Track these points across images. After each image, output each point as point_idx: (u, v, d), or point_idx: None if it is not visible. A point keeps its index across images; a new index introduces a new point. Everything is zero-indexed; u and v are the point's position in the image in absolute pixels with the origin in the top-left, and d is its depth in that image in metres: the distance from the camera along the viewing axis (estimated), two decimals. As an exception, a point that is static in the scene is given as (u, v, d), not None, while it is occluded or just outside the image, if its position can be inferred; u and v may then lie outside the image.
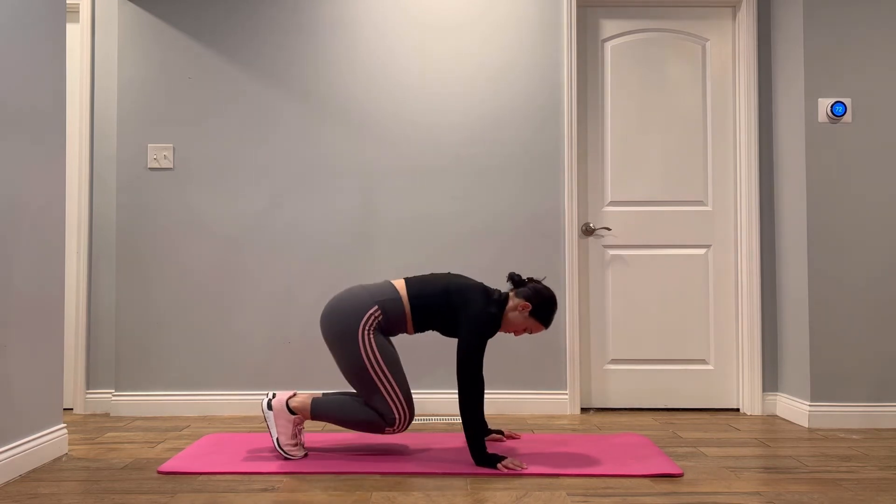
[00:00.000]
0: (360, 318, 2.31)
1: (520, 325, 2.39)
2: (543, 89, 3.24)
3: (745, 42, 3.27)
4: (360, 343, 2.29)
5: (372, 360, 2.29)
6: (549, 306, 2.38)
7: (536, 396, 3.19)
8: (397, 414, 2.30)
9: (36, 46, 2.35)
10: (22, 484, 2.12)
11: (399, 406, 2.30)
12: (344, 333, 2.31)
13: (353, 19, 3.25)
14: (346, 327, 2.31)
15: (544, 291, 2.39)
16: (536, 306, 2.36)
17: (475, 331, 2.28)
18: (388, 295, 2.36)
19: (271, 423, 2.34)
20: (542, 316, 2.38)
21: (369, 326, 2.31)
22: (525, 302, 2.36)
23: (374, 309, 2.32)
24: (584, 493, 2.03)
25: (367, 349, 2.29)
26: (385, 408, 2.30)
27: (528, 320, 2.38)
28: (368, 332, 2.30)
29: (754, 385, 3.22)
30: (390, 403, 2.30)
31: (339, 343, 2.32)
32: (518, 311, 2.37)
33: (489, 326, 2.31)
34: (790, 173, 3.11)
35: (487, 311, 2.31)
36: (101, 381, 3.27)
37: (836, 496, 2.00)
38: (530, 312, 2.36)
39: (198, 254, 3.20)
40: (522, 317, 2.37)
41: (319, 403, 2.35)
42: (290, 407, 2.35)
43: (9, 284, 2.19)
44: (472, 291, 2.35)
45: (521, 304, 2.36)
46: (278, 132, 3.23)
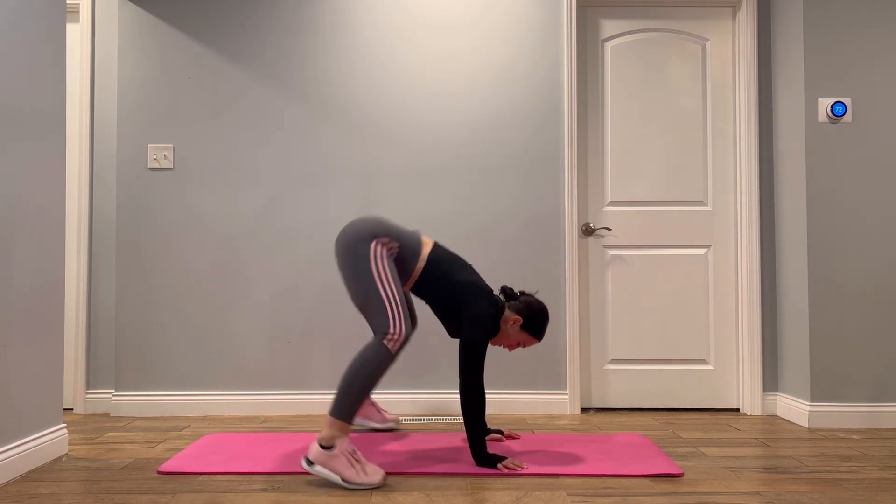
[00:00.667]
0: (378, 235, 2.28)
1: (512, 339, 2.40)
2: (543, 89, 3.24)
3: (745, 42, 3.27)
4: (372, 250, 2.25)
5: (380, 267, 2.24)
6: (540, 319, 2.38)
7: (536, 396, 3.19)
8: (393, 322, 2.19)
9: (36, 47, 2.35)
10: (22, 484, 2.12)
11: (396, 315, 2.20)
12: (358, 243, 2.26)
13: (353, 19, 3.25)
14: (362, 237, 2.27)
15: (535, 304, 2.38)
16: (527, 319, 2.36)
17: (482, 330, 2.27)
18: (412, 243, 2.35)
19: (326, 473, 2.08)
20: (534, 329, 2.38)
21: (383, 246, 2.28)
22: (517, 315, 2.36)
23: (394, 243, 2.31)
24: (584, 493, 2.03)
25: (377, 257, 2.25)
26: (383, 320, 2.19)
27: (521, 334, 2.38)
28: (381, 247, 2.27)
29: (754, 385, 3.22)
30: (388, 311, 2.20)
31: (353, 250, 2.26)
32: (510, 325, 2.37)
33: (491, 328, 2.32)
34: (790, 173, 3.11)
35: (492, 314, 2.32)
36: (101, 381, 3.27)
37: (836, 496, 2.00)
38: (522, 326, 2.37)
39: (198, 253, 3.20)
40: (514, 330, 2.38)
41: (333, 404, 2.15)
42: (323, 445, 2.10)
43: (9, 284, 2.19)
44: (482, 292, 2.36)
45: (512, 318, 2.36)
46: (278, 132, 3.23)
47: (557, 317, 3.21)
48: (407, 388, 3.20)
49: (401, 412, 3.17)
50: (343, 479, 2.07)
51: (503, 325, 2.38)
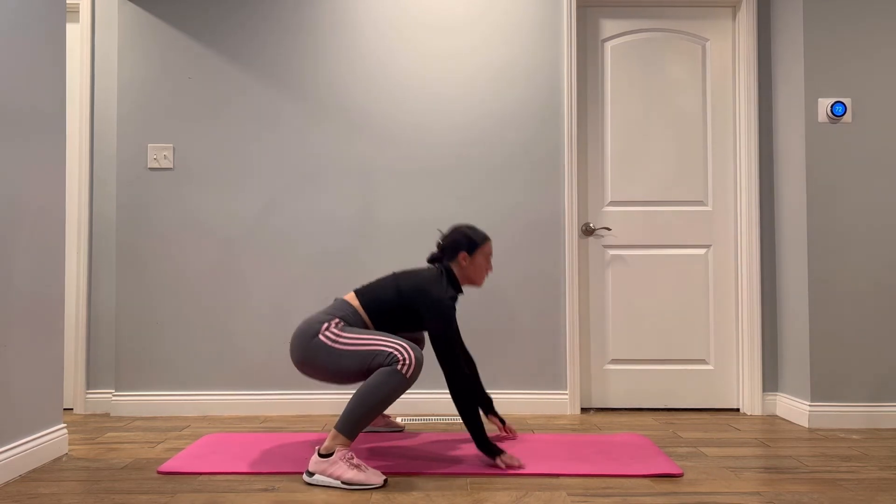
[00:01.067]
0: (318, 328, 2.26)
1: (478, 270, 2.47)
2: (543, 89, 3.24)
3: (745, 42, 3.27)
4: (324, 340, 2.23)
5: (342, 340, 2.22)
6: (470, 235, 2.46)
7: (536, 396, 3.19)
8: (398, 353, 2.16)
9: (36, 46, 2.35)
10: (22, 484, 2.12)
11: (395, 346, 2.18)
12: (307, 346, 2.24)
13: (354, 19, 3.25)
14: (308, 339, 2.25)
15: (456, 236, 2.46)
16: (467, 246, 2.44)
17: (441, 317, 2.27)
18: (345, 309, 2.34)
19: (326, 481, 2.09)
20: (476, 242, 2.45)
21: (328, 329, 2.25)
22: (461, 254, 2.43)
23: (334, 319, 2.29)
24: (584, 493, 2.03)
25: (333, 339, 2.23)
26: (383, 357, 2.17)
27: (475, 259, 2.45)
28: (330, 330, 2.25)
29: (754, 385, 3.22)
30: (385, 349, 2.18)
31: (309, 355, 2.24)
32: (463, 265, 2.44)
33: (451, 307, 2.30)
34: (790, 173, 3.11)
35: (443, 293, 2.31)
36: (101, 381, 3.27)
37: (836, 496, 2.00)
38: (469, 254, 2.43)
39: (198, 253, 3.20)
40: (469, 264, 2.45)
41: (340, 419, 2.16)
42: (322, 454, 2.12)
43: (9, 284, 2.19)
44: (422, 282, 2.35)
45: (460, 259, 2.43)
46: (278, 132, 3.23)
47: (557, 317, 3.21)
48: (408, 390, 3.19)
49: (401, 412, 3.17)
50: (343, 482, 2.07)
51: (461, 273, 2.46)
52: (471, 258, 2.44)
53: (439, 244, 2.49)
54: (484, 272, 2.49)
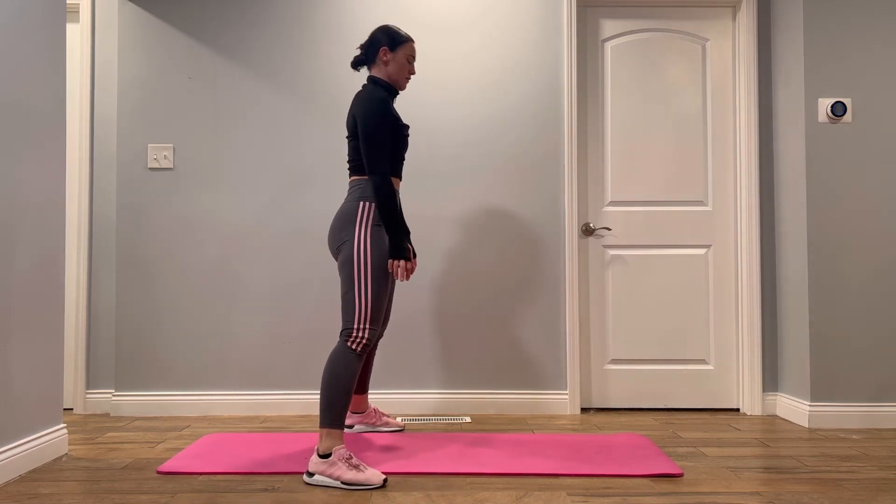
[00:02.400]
0: (355, 214, 2.27)
1: (400, 68, 2.41)
2: (543, 89, 3.24)
3: (745, 42, 3.27)
4: (357, 236, 2.24)
5: (361, 255, 2.23)
6: (391, 31, 2.41)
7: (536, 396, 3.19)
8: (357, 325, 2.20)
9: (36, 47, 2.35)
10: (22, 484, 2.12)
11: (363, 317, 2.21)
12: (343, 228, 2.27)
13: (354, 19, 3.25)
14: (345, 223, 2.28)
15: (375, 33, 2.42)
16: (389, 42, 2.39)
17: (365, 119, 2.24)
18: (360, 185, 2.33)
19: (325, 481, 2.11)
20: (396, 39, 2.40)
21: (366, 220, 2.27)
22: (381, 50, 2.38)
23: (363, 204, 2.29)
24: (584, 493, 2.03)
25: (362, 243, 2.24)
26: (349, 318, 2.21)
27: (397, 56, 2.40)
28: (366, 225, 2.26)
29: (754, 385, 3.22)
30: (356, 313, 2.21)
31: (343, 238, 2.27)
32: (385, 62, 2.40)
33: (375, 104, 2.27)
34: (790, 173, 3.11)
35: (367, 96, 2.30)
36: (101, 381, 3.28)
37: (836, 496, 2.00)
38: (391, 49, 2.39)
39: (198, 253, 3.20)
40: (392, 59, 2.40)
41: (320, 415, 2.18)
42: (321, 454, 2.14)
43: (9, 284, 2.19)
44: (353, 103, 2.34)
45: (381, 56, 2.39)
46: (278, 132, 3.23)
47: (557, 317, 3.21)
48: (407, 388, 3.20)
49: (401, 412, 3.17)
50: (342, 482, 2.08)
51: (387, 70, 2.40)
52: (392, 54, 2.39)
53: (358, 48, 2.46)
54: (405, 72, 2.44)
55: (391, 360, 3.20)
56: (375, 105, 2.26)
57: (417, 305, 3.20)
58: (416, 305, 3.20)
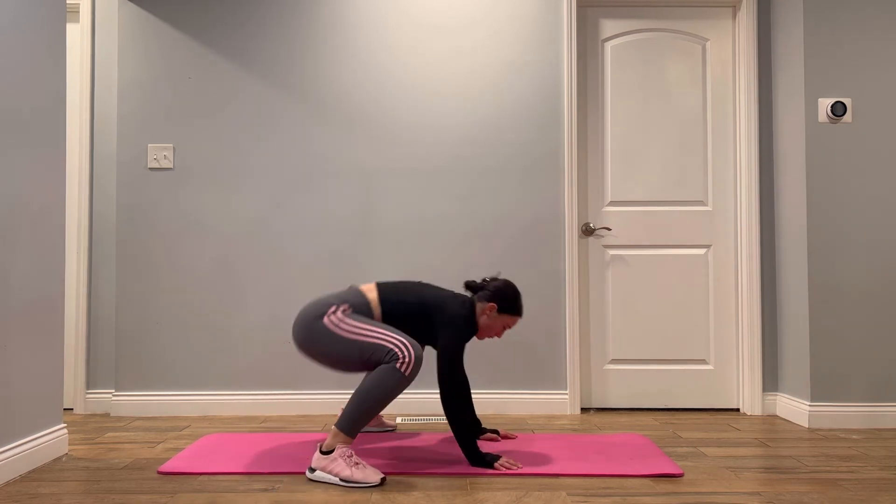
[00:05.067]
0: (324, 310, 2.26)
1: (495, 326, 2.41)
2: (544, 89, 3.24)
3: (745, 42, 3.27)
4: (328, 323, 2.22)
5: (345, 327, 2.21)
6: (512, 297, 2.40)
7: (536, 396, 3.19)
8: (398, 350, 2.15)
9: (36, 47, 2.35)
10: (22, 484, 2.12)
11: (396, 342, 2.17)
12: (312, 328, 2.24)
13: (354, 20, 3.25)
14: (311, 322, 2.25)
15: (503, 285, 2.42)
16: (501, 301, 2.39)
17: (456, 335, 2.29)
18: (357, 299, 2.32)
19: (325, 477, 2.11)
20: (511, 308, 2.40)
21: (334, 313, 2.25)
22: (490, 303, 2.38)
23: (344, 305, 2.28)
24: (584, 493, 2.03)
25: (337, 324, 2.22)
26: (382, 353, 2.16)
27: (500, 318, 2.40)
28: (334, 315, 2.24)
29: (754, 385, 3.22)
30: (387, 345, 2.16)
31: (312, 339, 2.24)
32: (487, 314, 2.39)
33: (466, 329, 2.33)
34: (790, 173, 3.11)
35: (462, 315, 2.33)
36: (101, 381, 3.27)
37: (836, 496, 2.00)
38: (498, 311, 2.39)
39: (198, 254, 3.20)
40: (493, 317, 2.40)
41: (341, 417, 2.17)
42: (324, 451, 2.15)
43: (9, 284, 2.19)
44: (448, 299, 2.37)
45: (487, 308, 2.38)
46: (278, 132, 3.23)
47: (557, 317, 3.21)
48: (407, 388, 3.19)
49: (400, 412, 3.17)
50: (341, 479, 2.09)
51: (481, 318, 2.40)
52: (497, 314, 2.39)
53: (486, 280, 2.46)
54: (492, 334, 2.44)
55: (391, 360, 3.20)
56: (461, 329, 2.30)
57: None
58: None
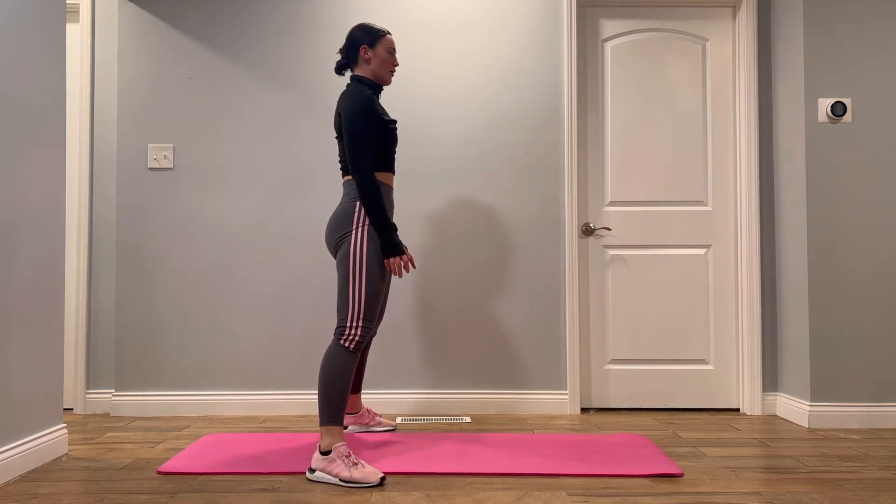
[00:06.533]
0: (352, 215, 2.29)
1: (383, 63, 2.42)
2: (544, 89, 3.24)
3: (745, 42, 3.27)
4: (353, 237, 2.27)
5: (357, 254, 2.25)
6: (366, 27, 2.43)
7: (536, 396, 3.19)
8: (349, 323, 2.22)
9: (36, 46, 2.35)
10: (22, 484, 2.12)
11: (356, 316, 2.23)
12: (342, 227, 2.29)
13: (355, 20, 3.25)
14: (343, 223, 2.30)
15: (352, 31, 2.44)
16: (364, 38, 2.41)
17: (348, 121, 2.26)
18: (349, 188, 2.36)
19: (324, 478, 2.13)
20: (374, 33, 2.42)
21: (363, 220, 2.28)
22: (361, 49, 2.40)
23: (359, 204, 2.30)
24: (584, 493, 2.03)
25: (359, 242, 2.27)
26: (342, 316, 2.24)
27: (377, 51, 2.41)
28: (363, 225, 2.28)
29: (754, 385, 3.22)
30: (349, 311, 2.23)
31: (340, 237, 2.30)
32: (367, 60, 2.41)
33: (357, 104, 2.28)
34: (790, 173, 3.11)
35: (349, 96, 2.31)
36: (101, 381, 3.27)
37: (836, 496, 2.00)
38: (371, 46, 2.41)
39: (198, 254, 3.20)
40: (373, 57, 2.41)
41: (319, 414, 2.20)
42: (322, 451, 2.17)
43: (9, 284, 2.19)
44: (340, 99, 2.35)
45: (362, 55, 2.41)
46: (278, 132, 3.23)
47: (557, 317, 3.21)
48: (407, 388, 3.20)
49: (400, 412, 3.17)
50: (340, 479, 2.10)
51: (369, 67, 2.41)
52: (373, 51, 2.40)
53: (339, 51, 2.48)
54: (389, 65, 2.45)
55: (391, 360, 3.20)
56: (359, 103, 2.28)
57: (417, 305, 3.20)
58: (415, 305, 3.20)
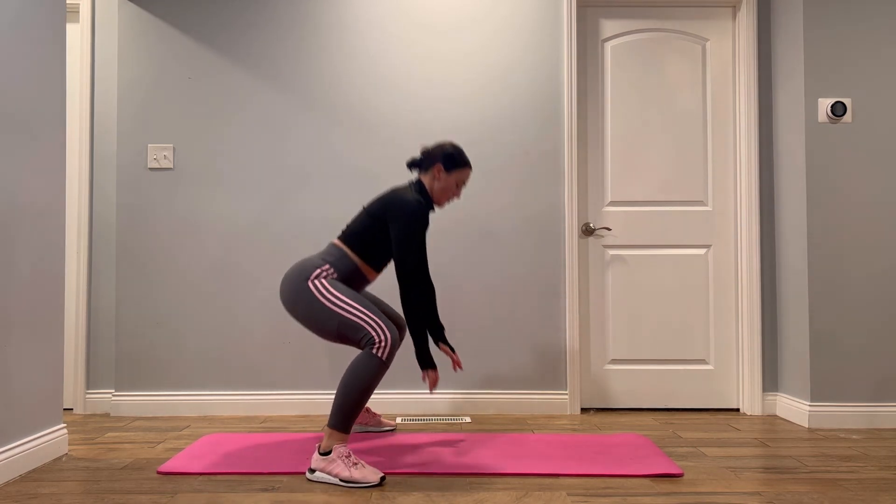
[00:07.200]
0: (310, 272, 2.29)
1: (450, 186, 2.43)
2: (544, 89, 3.24)
3: (745, 42, 3.27)
4: (313, 288, 2.26)
5: (329, 297, 2.24)
6: (453, 152, 2.42)
7: (536, 396, 3.19)
8: (373, 332, 2.19)
9: (36, 47, 2.35)
10: (22, 484, 2.12)
11: (374, 325, 2.20)
12: (298, 290, 2.28)
13: (355, 20, 3.25)
14: (297, 283, 2.29)
15: (442, 144, 2.44)
16: (445, 161, 2.40)
17: (402, 218, 2.27)
18: (336, 253, 2.36)
19: (324, 478, 2.12)
20: (458, 162, 2.42)
21: (320, 277, 2.29)
22: (436, 165, 2.40)
23: (326, 266, 2.31)
24: (584, 493, 2.03)
25: (321, 290, 2.26)
26: (361, 333, 2.20)
27: (451, 176, 2.42)
28: (320, 279, 2.28)
29: (754, 385, 3.22)
30: (364, 326, 2.20)
31: (296, 300, 2.28)
32: (437, 178, 2.41)
33: (418, 214, 2.28)
34: (790, 173, 3.11)
35: (406, 199, 2.30)
36: (101, 381, 3.27)
37: (836, 496, 2.00)
38: (446, 169, 2.40)
39: (198, 253, 3.20)
40: (444, 178, 2.41)
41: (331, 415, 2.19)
42: (322, 452, 2.16)
43: (9, 284, 2.19)
44: (388, 194, 2.36)
45: (434, 171, 2.40)
46: (278, 132, 3.23)
47: (557, 317, 3.21)
48: (407, 388, 3.20)
49: (401, 412, 3.17)
50: (341, 479, 2.09)
51: (434, 186, 2.42)
52: (445, 174, 2.41)
53: (422, 151, 2.48)
54: (450, 195, 2.45)
55: (391, 360, 3.20)
56: (420, 208, 2.28)
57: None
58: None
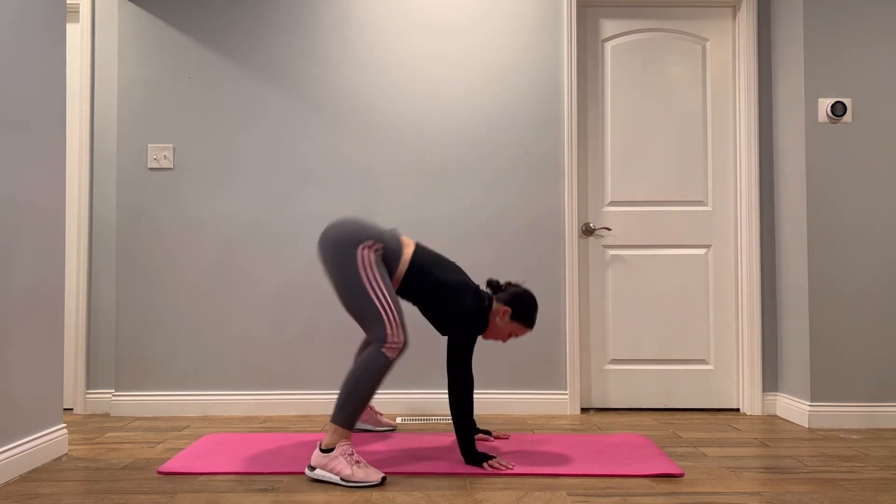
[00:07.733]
0: (362, 239, 2.25)
1: (504, 331, 2.39)
2: (544, 89, 3.24)
3: (745, 42, 3.27)
4: (359, 257, 2.22)
5: (369, 273, 2.21)
6: (529, 307, 2.38)
7: (536, 396, 3.19)
8: (390, 329, 2.18)
9: (36, 47, 2.35)
10: (22, 484, 2.12)
11: (394, 323, 2.19)
12: (343, 250, 2.23)
13: (355, 20, 3.25)
14: (345, 244, 2.24)
15: (522, 293, 2.39)
16: (516, 309, 2.36)
17: (466, 327, 2.27)
18: (393, 242, 2.33)
19: (325, 475, 2.11)
20: (524, 318, 2.37)
21: (369, 248, 2.25)
22: (505, 307, 2.36)
23: (379, 244, 2.28)
24: (584, 493, 2.03)
25: (365, 264, 2.22)
26: (380, 329, 2.18)
27: (511, 324, 2.37)
28: (368, 252, 2.24)
29: (754, 385, 3.22)
30: (386, 321, 2.18)
31: (336, 259, 2.23)
32: (500, 317, 2.36)
33: (478, 324, 2.32)
34: (790, 173, 3.11)
35: (476, 308, 2.31)
36: (101, 381, 3.27)
37: (836, 496, 2.00)
38: (511, 316, 2.36)
39: (198, 254, 3.20)
40: (504, 322, 2.37)
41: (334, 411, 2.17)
42: (324, 449, 2.14)
43: (9, 284, 2.19)
44: (467, 289, 2.35)
45: (501, 310, 2.36)
46: (279, 132, 3.23)
47: (557, 317, 3.21)
48: (406, 388, 3.20)
49: (400, 412, 3.17)
50: (341, 478, 2.09)
51: (493, 319, 2.38)
52: (507, 321, 2.36)
53: (509, 283, 2.44)
54: (498, 337, 2.42)
55: (391, 360, 3.20)
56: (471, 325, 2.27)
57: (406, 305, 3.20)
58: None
